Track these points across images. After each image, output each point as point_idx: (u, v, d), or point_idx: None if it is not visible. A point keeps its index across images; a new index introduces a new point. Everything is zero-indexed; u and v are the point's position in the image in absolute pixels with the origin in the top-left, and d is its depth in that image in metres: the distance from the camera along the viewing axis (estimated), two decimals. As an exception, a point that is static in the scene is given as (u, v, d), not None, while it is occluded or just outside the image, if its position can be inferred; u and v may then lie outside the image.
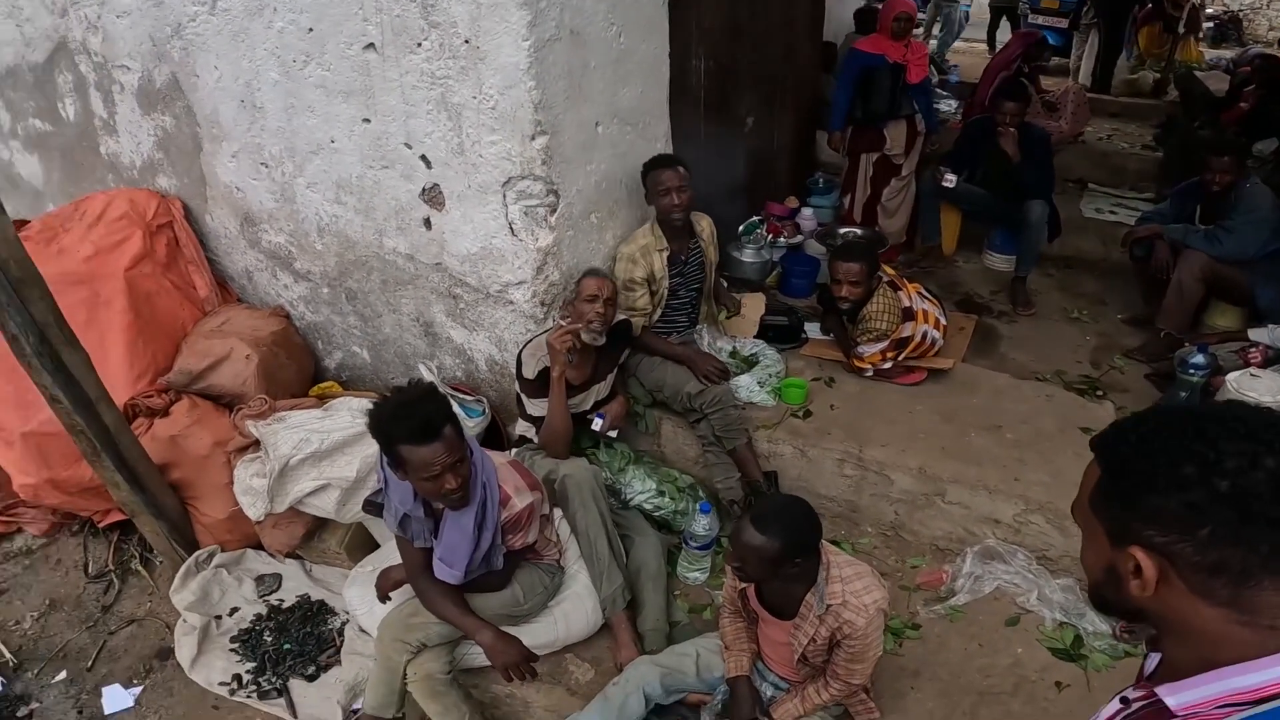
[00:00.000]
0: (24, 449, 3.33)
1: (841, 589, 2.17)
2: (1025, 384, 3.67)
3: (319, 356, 4.09)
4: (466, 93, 2.89)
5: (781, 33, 4.53)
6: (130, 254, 3.74)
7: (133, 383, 3.49)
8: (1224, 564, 0.86)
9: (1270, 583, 0.86)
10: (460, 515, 2.37)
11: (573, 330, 2.92)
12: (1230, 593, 0.87)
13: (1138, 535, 0.91)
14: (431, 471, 2.23)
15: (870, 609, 2.15)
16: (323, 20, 3.06)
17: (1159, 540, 0.89)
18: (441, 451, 2.23)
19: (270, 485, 3.09)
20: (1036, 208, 4.47)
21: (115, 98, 3.97)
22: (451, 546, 2.39)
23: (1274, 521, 0.84)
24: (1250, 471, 0.84)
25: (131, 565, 3.49)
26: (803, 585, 2.20)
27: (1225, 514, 0.85)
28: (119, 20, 3.69)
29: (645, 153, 3.39)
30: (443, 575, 2.44)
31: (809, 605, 2.19)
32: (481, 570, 2.49)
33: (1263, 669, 0.86)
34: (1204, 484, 0.85)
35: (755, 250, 4.27)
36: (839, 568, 2.21)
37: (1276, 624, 0.87)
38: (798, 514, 2.15)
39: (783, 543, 2.05)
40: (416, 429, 2.21)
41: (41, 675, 3.07)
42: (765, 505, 2.24)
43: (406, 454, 2.23)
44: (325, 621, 3.14)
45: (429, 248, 3.35)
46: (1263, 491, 0.84)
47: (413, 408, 2.25)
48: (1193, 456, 0.87)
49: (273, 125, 3.46)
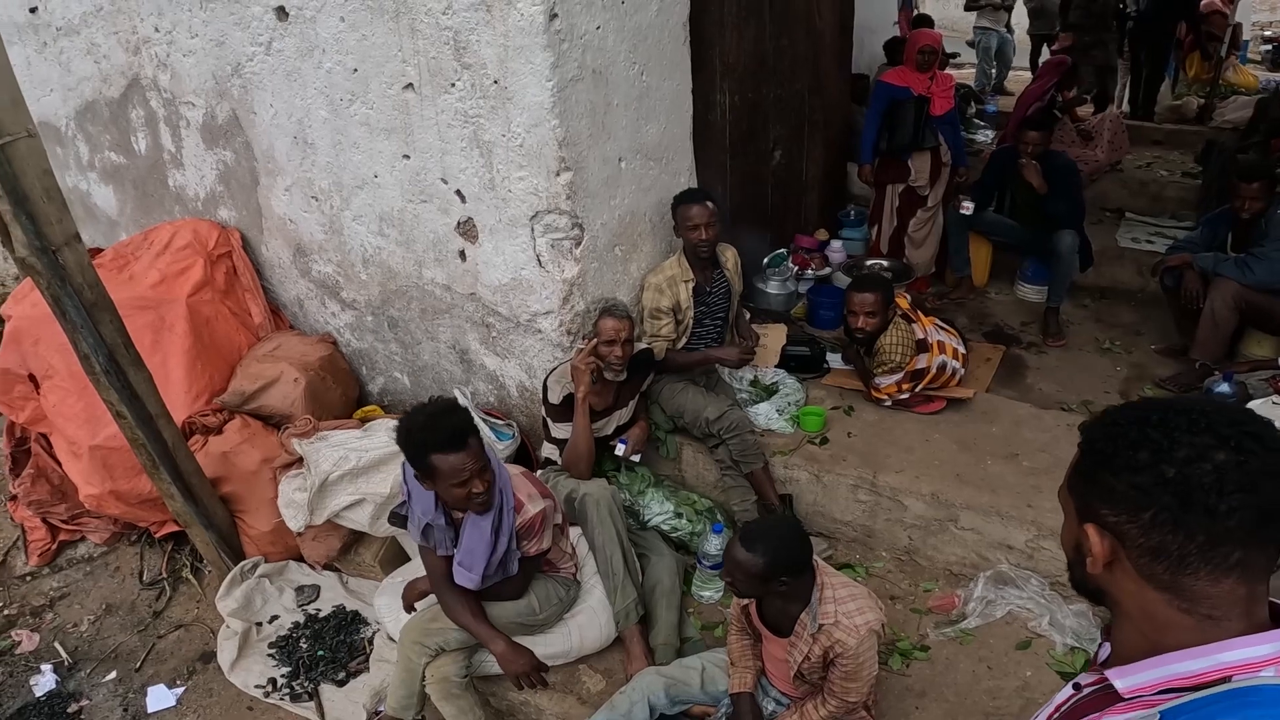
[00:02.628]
0: (90, 461, 3.58)
1: (834, 609, 2.24)
2: (1047, 413, 3.68)
3: (363, 382, 4.29)
4: (496, 130, 3.07)
5: (808, 66, 4.64)
6: (192, 281, 3.98)
7: (191, 402, 3.71)
8: (1164, 548, 0.91)
9: (1206, 573, 0.90)
10: (481, 520, 2.52)
11: (589, 349, 3.08)
12: (1170, 578, 0.92)
13: (1095, 513, 0.97)
14: (461, 477, 2.39)
15: (862, 629, 2.22)
16: (366, 61, 3.27)
17: (1110, 519, 0.95)
18: (469, 459, 2.40)
19: (310, 499, 3.28)
20: (1066, 238, 4.48)
21: (182, 133, 4.24)
22: (470, 550, 2.54)
23: (1211, 511, 0.88)
24: (1198, 462, 0.88)
25: (183, 574, 3.71)
26: (797, 604, 2.28)
27: (1167, 499, 0.89)
28: (185, 59, 3.94)
29: (669, 187, 3.53)
30: (462, 580, 2.59)
31: (803, 624, 2.27)
32: (497, 577, 2.62)
33: (1202, 656, 0.90)
34: (1153, 469, 0.90)
35: (780, 282, 4.36)
36: (833, 588, 2.28)
37: (1213, 614, 0.91)
38: (785, 534, 2.24)
39: (767, 561, 2.15)
40: (446, 438, 2.38)
41: (93, 675, 3.28)
42: (755, 525, 2.35)
43: (438, 462, 2.38)
44: (358, 631, 3.31)
45: (464, 278, 3.53)
46: (1206, 483, 0.88)
47: (441, 419, 2.42)
48: (1149, 442, 0.92)
49: (322, 160, 3.68)
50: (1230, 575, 0.90)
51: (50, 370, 3.67)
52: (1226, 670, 0.89)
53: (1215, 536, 0.89)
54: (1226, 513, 0.88)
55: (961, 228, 4.81)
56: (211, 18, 3.66)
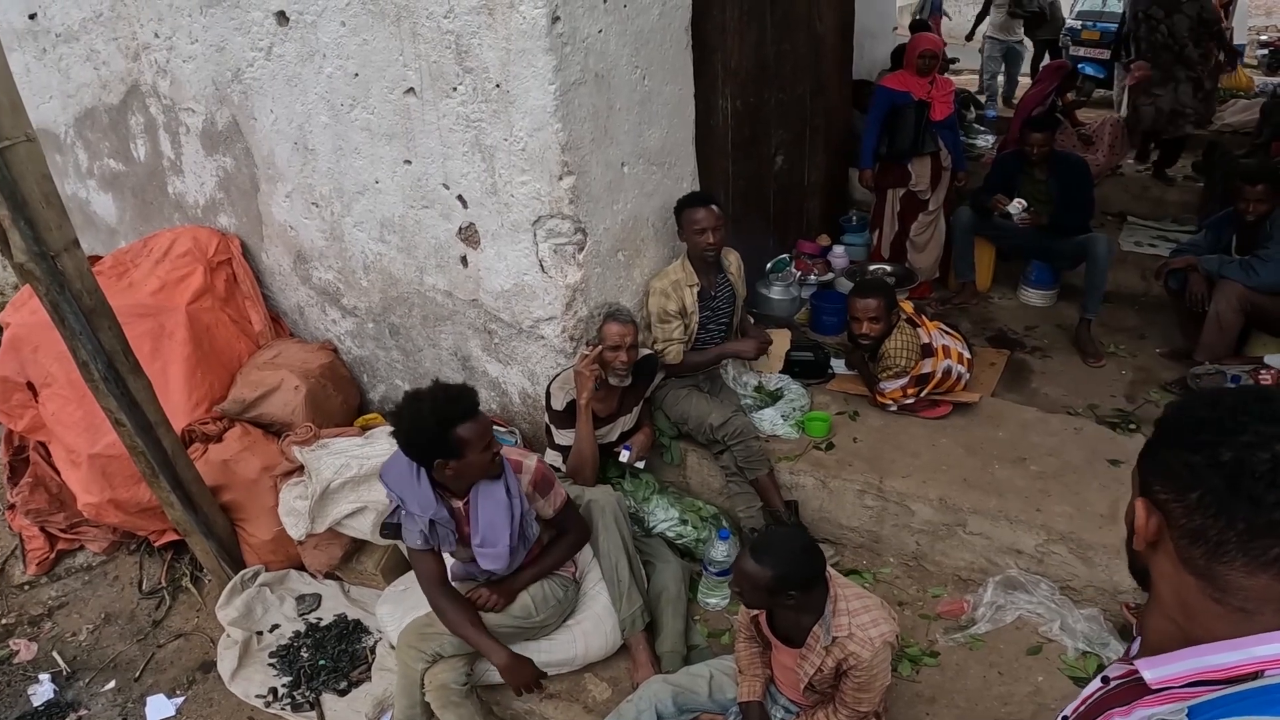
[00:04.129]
0: (90, 470, 3.55)
1: (848, 622, 2.21)
2: (1053, 417, 3.66)
3: (364, 389, 4.27)
4: (498, 135, 3.06)
5: (810, 70, 4.63)
6: (192, 289, 3.96)
7: (191, 410, 3.69)
8: (1203, 532, 0.89)
9: (1242, 564, 0.87)
10: (493, 488, 2.53)
11: (594, 357, 3.06)
12: (1205, 564, 0.89)
13: (1149, 488, 0.95)
14: (488, 438, 2.43)
15: (876, 642, 2.19)
16: (367, 66, 3.25)
17: (1161, 496, 0.93)
18: (486, 422, 2.44)
19: (311, 506, 3.25)
20: (1101, 243, 4.37)
21: (181, 139, 4.23)
22: (490, 524, 2.53)
23: (1256, 501, 0.85)
24: (1257, 449, 0.86)
25: (183, 583, 3.68)
26: (809, 616, 2.24)
27: (1216, 482, 0.87)
28: (185, 64, 3.92)
29: (672, 192, 3.52)
30: (490, 563, 2.59)
31: (815, 636, 2.23)
32: (522, 551, 2.64)
33: (1237, 649, 0.87)
34: (1210, 450, 0.88)
35: (783, 288, 4.34)
36: (846, 600, 2.24)
37: (1246, 607, 0.89)
38: (796, 547, 2.20)
39: (776, 574, 2.12)
40: (467, 406, 2.41)
41: (92, 684, 3.25)
42: (766, 536, 2.32)
43: (466, 432, 2.38)
44: (360, 640, 3.27)
45: (466, 284, 3.51)
46: (1259, 471, 0.85)
47: (450, 392, 2.43)
48: (1214, 424, 0.90)
49: (323, 166, 3.67)
50: (1267, 571, 0.87)
51: (49, 378, 3.64)
52: (1260, 664, 0.86)
53: (1256, 528, 0.86)
54: (1272, 505, 0.85)
55: (966, 231, 4.79)
56: (212, 23, 3.65)
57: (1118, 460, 3.33)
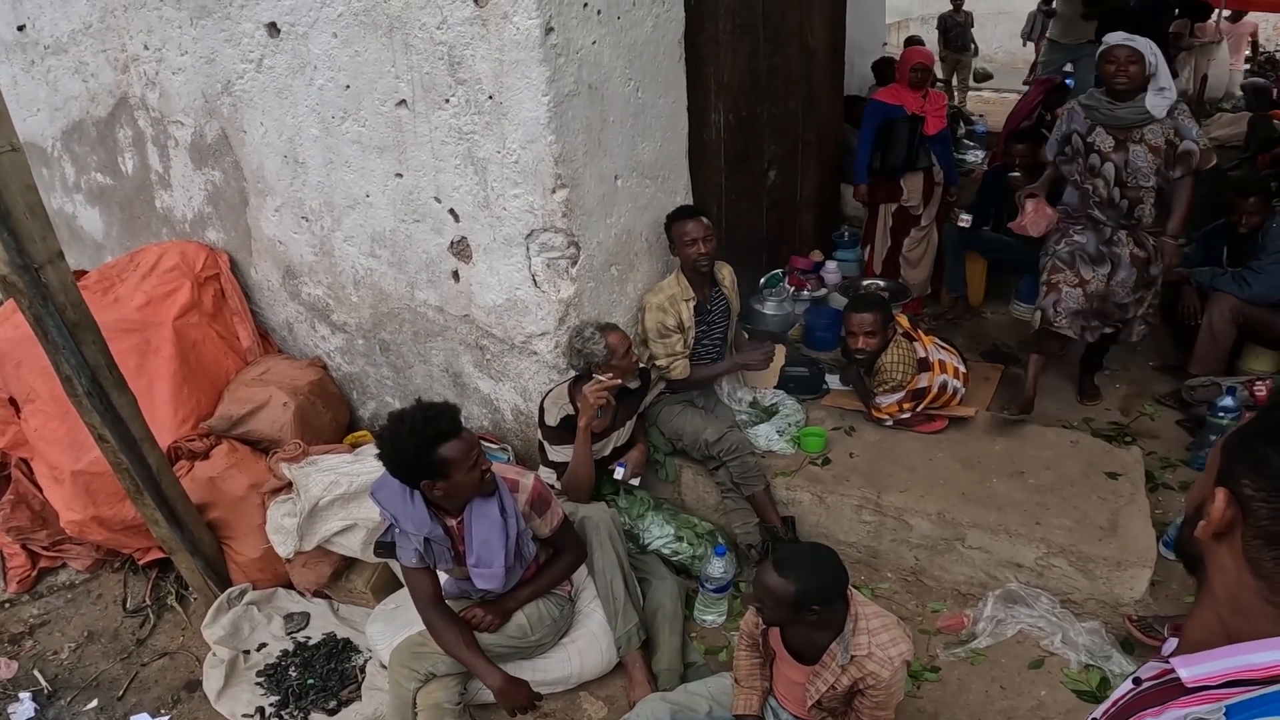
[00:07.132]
0: (73, 486, 3.48)
1: (868, 640, 2.15)
2: (1050, 430, 3.65)
3: (354, 407, 4.21)
4: (491, 147, 3.03)
5: (802, 85, 4.63)
6: (179, 304, 3.90)
7: (177, 426, 3.63)
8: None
9: None
10: (487, 506, 2.48)
11: (611, 386, 3.01)
12: (1274, 568, 0.86)
13: (1235, 479, 0.90)
14: (474, 457, 2.38)
15: (895, 661, 2.14)
16: (358, 78, 3.22)
17: (1248, 491, 0.88)
18: (470, 437, 2.40)
19: (300, 524, 3.19)
20: None
21: (170, 153, 4.18)
22: (485, 542, 2.49)
23: None
24: None
25: (168, 601, 3.60)
26: (827, 633, 2.19)
27: None
28: (174, 76, 3.88)
29: (665, 205, 3.50)
30: (486, 582, 2.53)
31: (832, 654, 2.18)
32: (519, 569, 2.59)
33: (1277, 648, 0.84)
34: None
35: (777, 303, 4.33)
36: (866, 619, 2.19)
37: None
38: (821, 562, 2.15)
39: (799, 589, 2.06)
40: (449, 425, 2.36)
41: (74, 703, 3.17)
42: (792, 550, 2.27)
43: (450, 451, 2.34)
44: (349, 659, 3.20)
45: (457, 300, 3.47)
46: None
47: (432, 411, 2.38)
48: None
49: (313, 180, 3.63)
50: None
51: (32, 394, 3.58)
52: None
53: None
54: None
55: (958, 246, 4.79)
56: (202, 35, 3.62)
57: (1115, 473, 3.31)
